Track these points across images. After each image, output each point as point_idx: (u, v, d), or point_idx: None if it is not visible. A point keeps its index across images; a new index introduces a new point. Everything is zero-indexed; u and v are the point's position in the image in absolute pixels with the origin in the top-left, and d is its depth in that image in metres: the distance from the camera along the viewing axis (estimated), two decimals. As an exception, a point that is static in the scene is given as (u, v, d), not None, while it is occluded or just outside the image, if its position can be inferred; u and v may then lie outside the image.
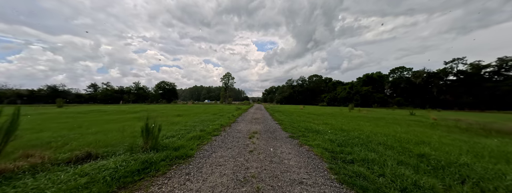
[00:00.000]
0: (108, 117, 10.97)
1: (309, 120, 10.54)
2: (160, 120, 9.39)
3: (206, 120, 9.43)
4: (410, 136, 5.79)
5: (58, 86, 40.12)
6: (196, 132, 5.84)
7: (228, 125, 8.20)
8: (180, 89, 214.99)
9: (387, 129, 7.60)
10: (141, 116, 11.40)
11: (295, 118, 11.85)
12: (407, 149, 4.27)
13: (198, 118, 10.78)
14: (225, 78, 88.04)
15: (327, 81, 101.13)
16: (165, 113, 13.65)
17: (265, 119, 11.63)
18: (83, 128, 6.54)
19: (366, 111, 19.27)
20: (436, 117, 12.06)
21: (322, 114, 15.84)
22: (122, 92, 47.29)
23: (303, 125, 8.53)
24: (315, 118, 11.84)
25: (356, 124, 9.08)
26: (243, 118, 11.62)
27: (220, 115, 12.80)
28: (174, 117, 11.22)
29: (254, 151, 4.16)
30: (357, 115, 15.24)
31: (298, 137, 5.82)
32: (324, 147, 4.47)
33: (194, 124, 7.90)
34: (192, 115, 12.36)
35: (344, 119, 11.85)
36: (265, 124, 8.92)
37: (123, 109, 17.82)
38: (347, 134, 6.06)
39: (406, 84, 57.32)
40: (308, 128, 7.56)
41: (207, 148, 4.30)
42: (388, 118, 13.28)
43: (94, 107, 22.38)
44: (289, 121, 10.19)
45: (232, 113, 15.64)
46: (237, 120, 10.36)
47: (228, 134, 6.17)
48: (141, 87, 54.01)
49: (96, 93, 42.75)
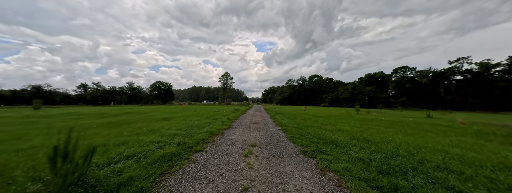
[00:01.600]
0: (73, 122, 9.37)
1: (318, 125, 8.98)
2: (138, 126, 7.81)
3: (194, 126, 7.85)
4: (472, 154, 4.20)
5: (43, 86, 38.36)
6: (170, 148, 4.25)
7: (220, 133, 6.62)
8: (179, 90, 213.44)
9: (424, 139, 6.03)
10: (119, 120, 9.80)
11: (300, 122, 10.29)
12: (495, 180, 2.70)
13: (186, 122, 9.19)
14: (224, 78, 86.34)
15: (327, 81, 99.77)
16: (151, 117, 12.05)
17: (266, 123, 10.07)
18: (20, 140, 4.93)
19: (376, 113, 17.73)
20: (463, 120, 10.52)
21: (329, 117, 14.29)
22: (114, 92, 45.28)
23: (312, 132, 6.96)
24: (323, 122, 10.28)
25: (377, 131, 7.53)
26: (240, 122, 10.04)
27: (214, 119, 11.23)
28: (158, 121, 9.62)
29: (251, 186, 2.58)
30: (368, 118, 13.69)
31: (312, 153, 4.25)
32: (360, 176, 2.89)
33: (177, 132, 6.32)
34: (180, 119, 10.77)
35: (357, 123, 10.29)
36: (266, 131, 7.35)
37: (106, 111, 16.19)
38: (378, 148, 4.50)
39: (411, 84, 55.95)
40: (321, 136, 6.00)
41: (173, 182, 2.70)
42: (407, 122, 11.73)
43: (74, 109, 20.71)
44: (294, 126, 8.62)
45: (229, 115, 14.08)
46: (232, 125, 8.79)
47: (216, 148, 4.58)
48: (135, 88, 52.01)
49: (85, 94, 40.88)
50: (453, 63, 55.49)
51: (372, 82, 64.59)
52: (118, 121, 9.22)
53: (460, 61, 55.42)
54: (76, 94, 42.26)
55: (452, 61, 56.28)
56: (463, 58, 55.16)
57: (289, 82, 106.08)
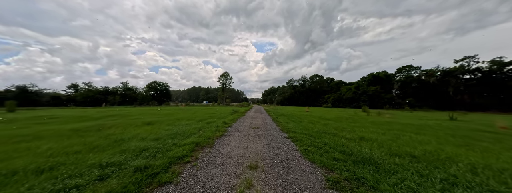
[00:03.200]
0: (27, 130, 7.83)
1: (331, 131, 7.42)
2: (106, 134, 6.25)
3: (179, 134, 6.29)
4: None
5: (28, 86, 36.76)
6: (118, 179, 2.68)
7: (209, 144, 5.06)
8: (179, 91, 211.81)
9: (487, 153, 4.47)
10: (92, 126, 8.25)
11: (309, 126, 8.73)
12: None
13: (172, 128, 7.64)
14: (223, 78, 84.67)
15: (329, 81, 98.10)
16: (134, 120, 10.49)
17: (268, 128, 8.51)
18: None
19: (389, 115, 16.15)
20: (505, 124, 8.95)
21: (339, 119, 12.72)
22: (107, 93, 43.48)
23: (330, 141, 5.41)
24: (336, 126, 8.71)
25: (410, 139, 5.98)
26: (237, 127, 8.49)
27: (208, 123, 9.68)
28: (138, 127, 8.05)
29: None
30: (384, 121, 12.12)
31: (348, 185, 2.69)
32: None
33: (150, 144, 4.77)
34: (167, 123, 9.20)
35: (376, 127, 8.73)
36: (270, 140, 5.79)
37: (87, 114, 14.61)
38: (448, 176, 2.94)
39: (417, 84, 54.37)
40: (345, 150, 4.45)
41: None
42: (433, 125, 10.17)
43: (53, 111, 19.10)
44: (303, 132, 7.06)
45: (226, 118, 12.55)
46: (228, 131, 7.23)
47: (196, 175, 3.02)
48: (130, 88, 50.21)
49: (75, 95, 39.08)
50: (459, 62, 53.96)
51: (376, 81, 62.94)
52: (89, 127, 7.66)
53: (467, 60, 53.93)
54: (66, 94, 40.69)
55: (458, 60, 54.74)
56: (469, 57, 53.64)
57: (289, 82, 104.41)
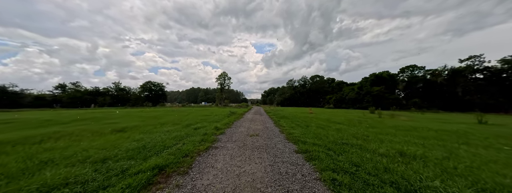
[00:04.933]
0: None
1: (352, 140, 5.73)
2: (47, 147, 4.54)
3: (146, 148, 4.59)
4: None
5: (7, 86, 34.86)
6: None
7: (183, 168, 3.36)
8: (177, 91, 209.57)
9: None
10: (44, 134, 6.52)
11: (320, 133, 7.03)
12: None
13: (143, 138, 5.93)
14: (221, 78, 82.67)
15: (330, 82, 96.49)
16: (107, 126, 8.76)
17: (270, 135, 6.81)
18: None
19: (405, 118, 14.44)
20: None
21: (351, 123, 11.05)
22: (97, 93, 41.47)
23: (359, 160, 3.74)
24: (354, 134, 7.02)
25: (471, 155, 4.30)
26: (231, 134, 6.79)
27: (195, 129, 7.98)
28: (101, 136, 6.31)
29: None
30: (408, 126, 10.45)
31: None
32: None
33: (82, 173, 3.06)
34: (144, 130, 7.48)
35: (405, 135, 7.05)
36: (274, 158, 4.10)
37: (57, 118, 12.84)
38: None
39: (423, 84, 52.88)
40: (398, 180, 2.78)
41: None
42: (471, 132, 8.50)
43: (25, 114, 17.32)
44: (315, 142, 5.37)
45: (220, 122, 10.91)
46: (217, 141, 5.53)
47: None
48: (122, 88, 48.33)
49: (62, 95, 37.05)
50: (464, 62, 52.43)
51: (379, 81, 61.37)
52: (33, 137, 5.93)
53: (472, 59, 52.38)
54: (51, 95, 38.61)
55: (463, 60, 53.23)
56: (475, 56, 52.12)
57: (290, 82, 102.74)
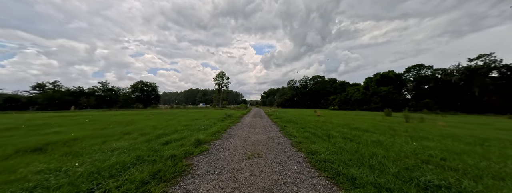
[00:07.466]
0: None
1: (427, 170, 2.99)
2: None
3: None
4: None
5: None
6: None
7: None
8: (176, 93, 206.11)
9: None
10: None
11: (360, 151, 4.28)
12: None
13: (49, 169, 3.18)
14: (219, 78, 79.94)
15: (331, 82, 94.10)
16: (31, 139, 5.98)
17: (280, 157, 4.07)
18: None
19: (443, 123, 11.71)
20: None
21: (382, 131, 8.33)
22: (80, 94, 38.46)
23: None
24: (410, 152, 4.28)
25: None
26: (217, 155, 4.05)
27: (164, 144, 5.27)
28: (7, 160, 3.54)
29: None
30: (467, 134, 7.74)
31: None
32: None
33: None
34: (82, 145, 4.73)
35: (485, 154, 4.34)
36: None
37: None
38: None
39: (434, 83, 50.37)
40: None
41: None
42: None
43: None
44: (372, 177, 2.63)
45: (208, 130, 8.25)
46: (183, 178, 2.79)
47: None
48: (110, 88, 45.32)
49: (37, 96, 33.99)
50: (473, 61, 50.10)
51: (385, 81, 58.83)
52: None
53: (482, 58, 49.97)
54: (28, 96, 35.43)
55: (472, 59, 50.88)
56: (485, 55, 49.78)
57: (290, 83, 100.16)
